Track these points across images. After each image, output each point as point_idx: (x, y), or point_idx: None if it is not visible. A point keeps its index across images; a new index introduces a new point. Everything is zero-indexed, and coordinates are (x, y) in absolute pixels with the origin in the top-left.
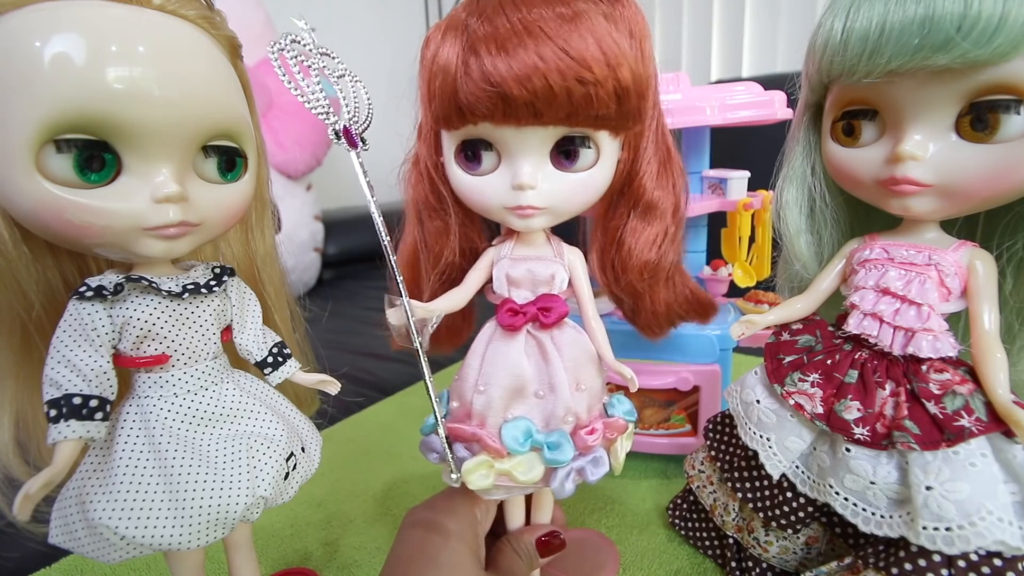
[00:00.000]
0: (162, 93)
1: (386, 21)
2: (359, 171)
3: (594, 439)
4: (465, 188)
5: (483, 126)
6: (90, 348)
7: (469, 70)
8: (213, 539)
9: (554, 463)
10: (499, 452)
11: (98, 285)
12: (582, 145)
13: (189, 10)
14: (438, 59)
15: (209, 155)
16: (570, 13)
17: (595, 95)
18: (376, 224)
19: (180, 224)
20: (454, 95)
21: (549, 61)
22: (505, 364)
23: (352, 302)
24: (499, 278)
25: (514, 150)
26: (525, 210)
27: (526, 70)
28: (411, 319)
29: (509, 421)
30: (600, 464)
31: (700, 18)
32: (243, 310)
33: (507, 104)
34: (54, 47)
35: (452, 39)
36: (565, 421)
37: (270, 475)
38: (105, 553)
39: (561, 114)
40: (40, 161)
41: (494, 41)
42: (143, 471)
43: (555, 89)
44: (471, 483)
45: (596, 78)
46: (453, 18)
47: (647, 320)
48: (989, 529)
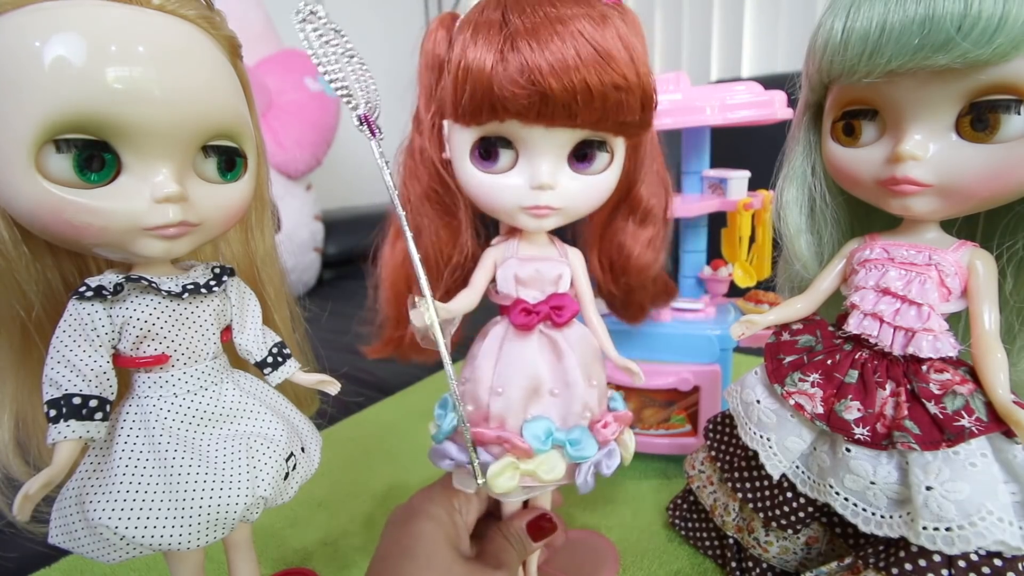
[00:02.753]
0: (162, 93)
1: (387, 22)
2: (380, 161)
3: (611, 432)
4: (477, 186)
5: (509, 124)
6: (90, 348)
7: (507, 64)
8: (213, 539)
9: (580, 458)
10: (527, 452)
11: (98, 285)
12: (600, 149)
13: (189, 10)
14: (468, 56)
15: (209, 155)
16: (598, 15)
17: (626, 102)
18: (400, 218)
19: (180, 224)
20: (488, 90)
21: (586, 59)
22: (521, 365)
23: (352, 302)
24: (506, 278)
25: (535, 150)
26: (542, 210)
27: (564, 65)
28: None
29: (529, 421)
30: (614, 456)
31: (700, 18)
32: (243, 310)
33: (544, 103)
34: (54, 47)
35: (486, 35)
36: (583, 417)
37: (270, 475)
38: (105, 553)
39: (594, 117)
40: (40, 161)
41: (534, 36)
42: (143, 471)
43: (592, 90)
44: (497, 487)
45: (629, 85)
46: (481, 16)
47: (634, 311)
48: (989, 529)
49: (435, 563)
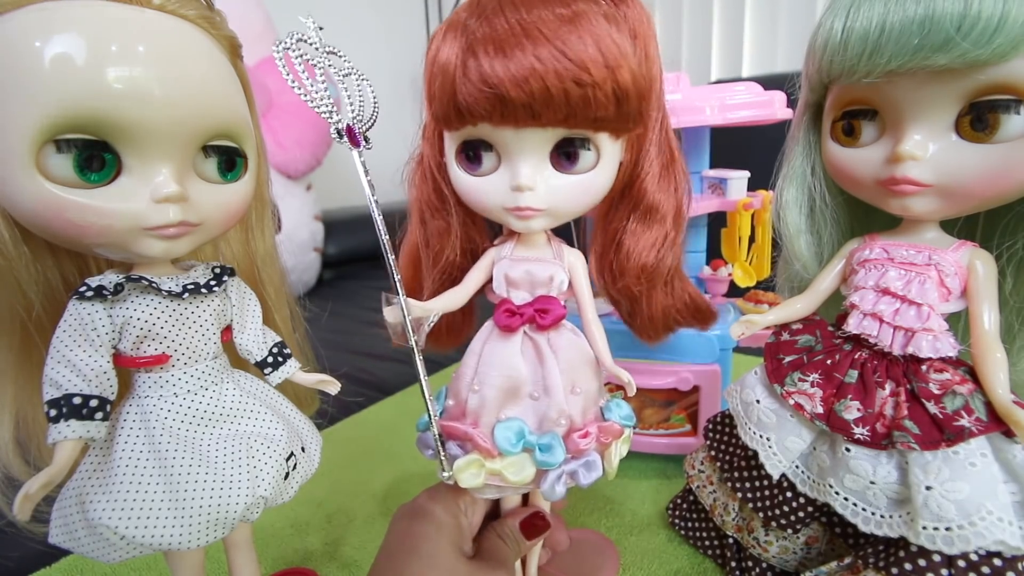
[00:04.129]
0: (162, 93)
1: (387, 22)
2: (360, 170)
3: (587, 443)
4: (465, 188)
5: (482, 127)
6: (90, 348)
7: (467, 71)
8: (213, 539)
9: (544, 465)
10: (489, 452)
11: (98, 285)
12: (582, 147)
13: (189, 10)
14: (438, 59)
15: (209, 155)
16: (569, 14)
17: (593, 97)
18: (376, 222)
19: (180, 224)
20: (452, 96)
21: (547, 63)
22: (500, 364)
23: (352, 302)
24: (498, 278)
25: (513, 151)
26: (524, 211)
27: (523, 72)
28: (407, 317)
29: (502, 421)
30: (593, 468)
31: (700, 18)
32: (243, 310)
33: (504, 106)
34: (54, 47)
35: (452, 39)
36: (558, 424)
37: (270, 475)
38: (105, 553)
39: (559, 116)
40: (40, 161)
41: (492, 42)
42: (143, 471)
43: (552, 91)
44: (462, 481)
45: (594, 80)
46: (454, 18)
47: (643, 324)
48: (989, 529)
49: (439, 562)
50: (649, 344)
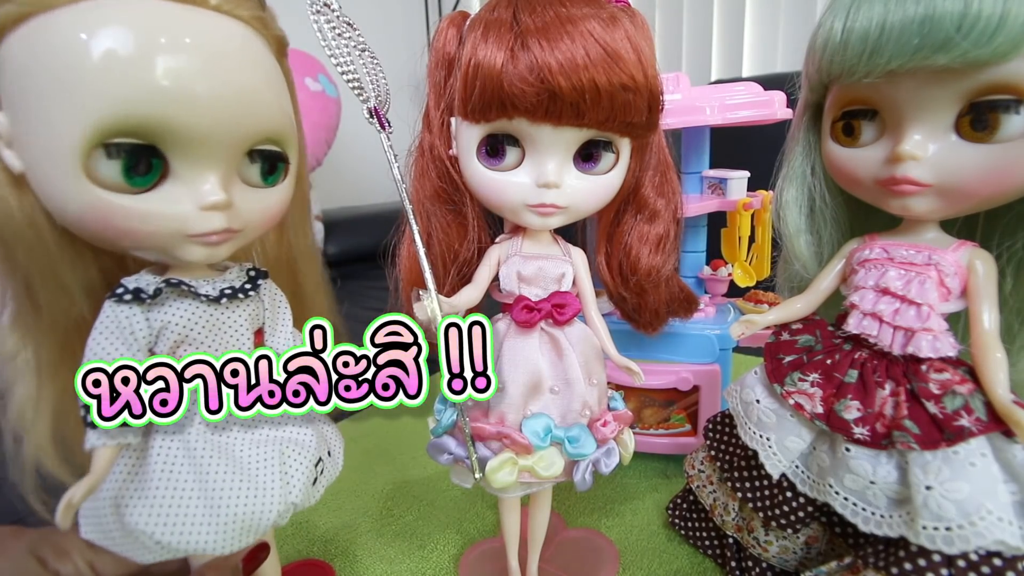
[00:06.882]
0: (213, 94)
1: (386, 16)
2: (389, 155)
3: (610, 430)
4: (483, 183)
5: (517, 121)
6: (127, 352)
7: (517, 62)
8: (245, 544)
9: (577, 456)
10: (527, 448)
11: (135, 288)
12: (605, 149)
13: (244, 11)
14: (479, 53)
15: (254, 160)
16: (607, 16)
17: (633, 102)
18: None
19: (224, 231)
20: (498, 87)
21: (595, 59)
22: (522, 361)
23: (352, 302)
24: (509, 275)
25: (541, 148)
26: (547, 208)
27: (574, 63)
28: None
29: (528, 417)
30: (612, 455)
31: (700, 18)
32: (275, 313)
33: (552, 101)
34: (105, 42)
35: (495, 36)
36: (582, 415)
37: (301, 482)
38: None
39: (601, 116)
40: (89, 165)
41: (544, 35)
42: (179, 477)
43: (601, 90)
44: (495, 481)
45: (637, 85)
46: (492, 17)
47: (648, 318)
48: (989, 529)
49: None
50: (649, 335)
